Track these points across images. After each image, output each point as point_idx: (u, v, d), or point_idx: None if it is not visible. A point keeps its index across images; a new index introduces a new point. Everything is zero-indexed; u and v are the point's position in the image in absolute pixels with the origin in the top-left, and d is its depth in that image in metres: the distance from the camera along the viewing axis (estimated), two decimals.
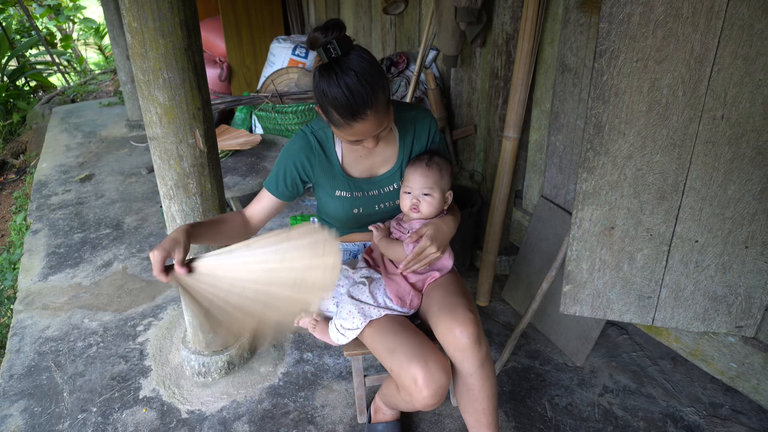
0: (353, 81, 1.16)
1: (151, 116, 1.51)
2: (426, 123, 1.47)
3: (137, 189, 3.52)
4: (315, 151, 1.41)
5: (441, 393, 1.24)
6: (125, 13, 1.39)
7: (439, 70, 2.81)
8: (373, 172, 1.47)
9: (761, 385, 1.61)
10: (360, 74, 1.17)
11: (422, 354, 1.25)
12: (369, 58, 1.21)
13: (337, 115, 1.21)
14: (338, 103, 1.18)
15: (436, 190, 1.39)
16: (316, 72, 1.21)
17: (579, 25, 1.78)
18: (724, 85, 1.26)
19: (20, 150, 5.13)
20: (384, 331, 1.33)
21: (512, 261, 2.36)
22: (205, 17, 4.51)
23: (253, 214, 1.45)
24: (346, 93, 1.17)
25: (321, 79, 1.20)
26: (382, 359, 1.33)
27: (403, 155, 1.46)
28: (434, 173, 1.40)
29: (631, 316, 1.56)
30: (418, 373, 1.22)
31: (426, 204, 1.40)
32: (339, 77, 1.17)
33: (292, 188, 1.44)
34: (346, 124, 1.22)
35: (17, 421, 1.78)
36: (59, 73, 7.12)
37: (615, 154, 1.39)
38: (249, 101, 3.46)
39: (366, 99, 1.18)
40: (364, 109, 1.19)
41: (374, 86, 1.19)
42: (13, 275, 2.75)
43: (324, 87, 1.19)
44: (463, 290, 1.42)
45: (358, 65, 1.17)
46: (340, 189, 1.44)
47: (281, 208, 1.48)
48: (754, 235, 1.37)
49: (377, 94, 1.20)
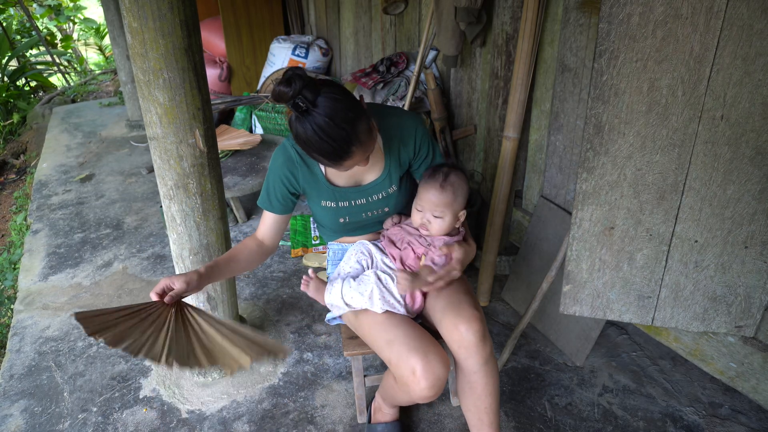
0: (331, 126, 1.15)
1: (151, 116, 1.51)
2: (412, 129, 1.45)
3: (137, 189, 3.52)
4: (297, 165, 1.41)
5: (439, 385, 1.24)
6: (125, 13, 1.39)
7: (439, 70, 2.82)
8: (359, 181, 1.46)
9: (761, 385, 1.61)
10: (335, 117, 1.15)
11: (421, 345, 1.26)
12: (338, 95, 1.17)
13: (325, 159, 1.21)
14: (323, 151, 1.18)
15: (447, 213, 1.37)
16: (291, 121, 1.20)
17: (579, 26, 1.78)
18: (723, 86, 1.26)
19: (20, 150, 5.13)
20: (384, 324, 1.34)
21: (512, 261, 2.36)
22: (205, 17, 4.51)
23: (264, 235, 1.49)
24: (327, 140, 1.16)
25: (299, 130, 1.18)
26: (380, 351, 1.33)
27: (390, 162, 1.45)
28: (447, 196, 1.36)
29: (631, 316, 1.56)
30: (416, 363, 1.22)
31: (436, 225, 1.38)
32: (315, 127, 1.15)
33: (285, 202, 1.45)
34: (336, 164, 1.23)
35: (17, 421, 1.78)
36: (59, 73, 7.12)
37: (615, 154, 1.39)
38: (249, 101, 3.46)
39: (348, 137, 1.17)
40: (348, 147, 1.18)
41: (352, 122, 1.17)
42: (14, 275, 2.75)
43: (303, 138, 1.18)
44: (468, 289, 1.43)
45: (330, 108, 1.15)
46: (325, 199, 1.45)
47: (285, 220, 1.50)
48: (753, 235, 1.37)
49: (357, 127, 1.18)
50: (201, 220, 1.68)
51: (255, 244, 1.47)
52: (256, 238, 1.48)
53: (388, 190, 1.47)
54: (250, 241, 1.47)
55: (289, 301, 2.32)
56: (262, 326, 2.16)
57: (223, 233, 1.76)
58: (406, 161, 1.48)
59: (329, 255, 1.62)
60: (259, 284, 2.44)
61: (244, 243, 1.46)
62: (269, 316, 2.23)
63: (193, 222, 1.67)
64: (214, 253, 1.74)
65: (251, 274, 2.52)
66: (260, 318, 2.22)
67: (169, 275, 1.24)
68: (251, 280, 2.47)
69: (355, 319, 1.42)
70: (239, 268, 1.43)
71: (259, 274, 2.51)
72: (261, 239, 1.49)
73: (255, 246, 1.47)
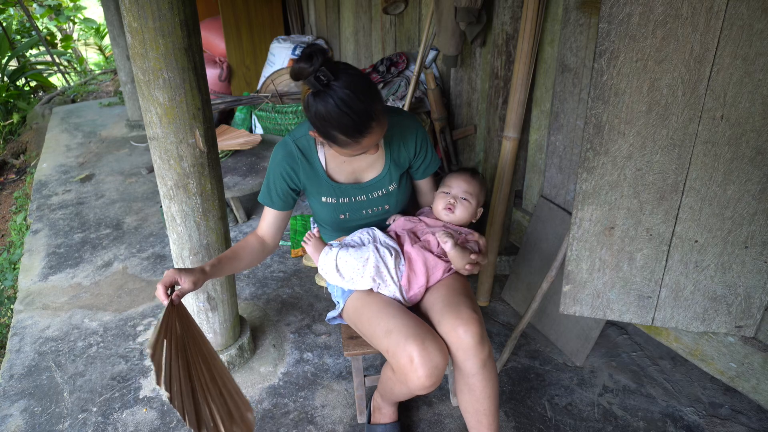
0: (352, 99, 1.16)
1: (151, 116, 1.51)
2: (413, 130, 1.48)
3: (137, 189, 3.52)
4: (298, 160, 1.42)
5: (437, 374, 1.23)
6: (125, 13, 1.39)
7: (439, 70, 2.82)
8: (359, 177, 1.47)
9: (761, 385, 1.61)
10: (356, 90, 1.17)
11: (419, 334, 1.25)
12: (357, 73, 1.21)
13: (344, 136, 1.22)
14: (343, 125, 1.19)
15: (473, 198, 1.49)
16: (309, 100, 1.21)
17: (579, 25, 1.78)
18: (723, 85, 1.26)
19: (20, 150, 5.13)
20: (383, 313, 1.34)
21: (512, 261, 2.36)
22: (205, 17, 4.51)
23: (265, 232, 1.50)
24: (349, 113, 1.17)
25: (318, 106, 1.19)
26: (379, 342, 1.33)
27: (390, 160, 1.46)
28: (476, 184, 1.51)
29: (631, 316, 1.56)
30: (414, 351, 1.22)
31: (462, 208, 1.46)
32: (337, 100, 1.16)
33: (286, 198, 1.45)
34: (354, 142, 1.23)
35: (17, 421, 1.78)
36: (59, 73, 7.12)
37: (615, 154, 1.39)
38: (249, 101, 3.46)
39: (369, 111, 1.19)
40: (369, 122, 1.20)
41: (372, 98, 1.20)
42: (14, 275, 2.75)
43: (323, 113, 1.19)
44: (467, 290, 1.43)
45: (351, 82, 1.17)
46: (325, 195, 1.45)
47: (286, 217, 1.51)
48: (753, 235, 1.37)
49: (376, 104, 1.21)
50: (201, 220, 1.68)
51: (257, 241, 1.48)
52: (257, 236, 1.49)
53: (389, 188, 1.47)
54: (252, 239, 1.48)
55: (289, 301, 2.32)
56: (262, 326, 2.16)
57: (223, 233, 1.76)
58: (406, 160, 1.49)
59: None
60: (259, 284, 2.44)
61: (246, 240, 1.46)
62: (269, 316, 2.23)
63: (193, 222, 1.67)
64: (214, 252, 1.74)
65: (251, 273, 2.52)
66: (260, 318, 2.21)
67: (175, 268, 1.25)
68: (251, 280, 2.47)
69: (354, 312, 1.42)
70: (241, 267, 1.44)
71: (259, 274, 2.51)
72: (262, 236, 1.50)
73: (257, 244, 1.48)
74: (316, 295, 2.35)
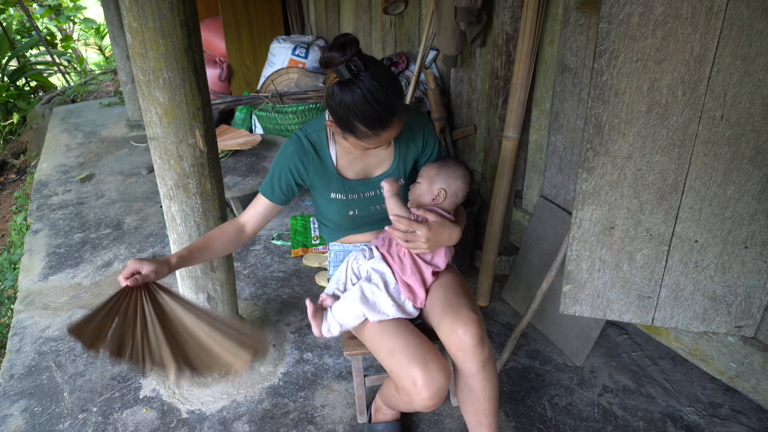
0: (378, 91, 1.18)
1: (151, 116, 1.51)
2: (421, 124, 1.49)
3: (137, 189, 3.52)
4: (309, 154, 1.41)
5: (440, 395, 1.24)
6: (125, 13, 1.39)
7: (439, 70, 2.82)
8: (368, 174, 1.47)
9: (761, 385, 1.61)
10: (383, 85, 1.19)
11: (422, 355, 1.25)
12: (385, 67, 1.23)
13: (365, 127, 1.22)
14: (367, 116, 1.20)
15: (424, 179, 1.44)
16: (334, 89, 1.21)
17: (579, 26, 1.78)
18: (723, 86, 1.26)
19: (20, 150, 5.13)
20: (384, 332, 1.33)
21: (512, 261, 2.36)
22: (205, 17, 4.51)
23: (248, 220, 1.46)
24: (374, 104, 1.18)
25: (344, 96, 1.20)
26: (381, 360, 1.33)
27: (399, 156, 1.46)
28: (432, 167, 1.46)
29: (631, 316, 1.56)
30: (417, 374, 1.22)
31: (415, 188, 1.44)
32: (364, 91, 1.18)
33: (287, 192, 1.45)
34: (374, 134, 1.24)
35: (17, 421, 1.78)
36: (59, 73, 7.13)
37: (615, 154, 1.39)
38: (249, 101, 3.45)
39: (393, 105, 1.21)
40: (391, 116, 1.22)
41: (397, 93, 1.22)
42: (14, 275, 2.75)
43: (349, 102, 1.19)
44: (466, 291, 1.42)
45: (378, 75, 1.19)
46: (334, 191, 1.45)
47: (276, 212, 1.49)
48: (753, 235, 1.37)
49: (399, 100, 1.23)
50: (201, 220, 1.68)
51: (234, 229, 1.44)
52: (237, 223, 1.45)
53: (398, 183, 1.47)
54: (229, 227, 1.43)
55: (289, 301, 2.32)
56: (262, 326, 2.16)
57: None
58: (414, 156, 1.50)
59: (330, 256, 1.62)
60: (259, 284, 2.44)
61: (221, 228, 1.43)
62: (269, 316, 2.23)
63: (193, 222, 1.67)
64: None
65: (251, 273, 2.52)
66: (260, 318, 2.21)
67: (137, 258, 1.23)
68: (251, 280, 2.47)
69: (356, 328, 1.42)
70: (212, 256, 1.41)
71: (259, 274, 2.51)
72: (243, 224, 1.45)
73: (233, 232, 1.43)
74: (316, 295, 2.35)
